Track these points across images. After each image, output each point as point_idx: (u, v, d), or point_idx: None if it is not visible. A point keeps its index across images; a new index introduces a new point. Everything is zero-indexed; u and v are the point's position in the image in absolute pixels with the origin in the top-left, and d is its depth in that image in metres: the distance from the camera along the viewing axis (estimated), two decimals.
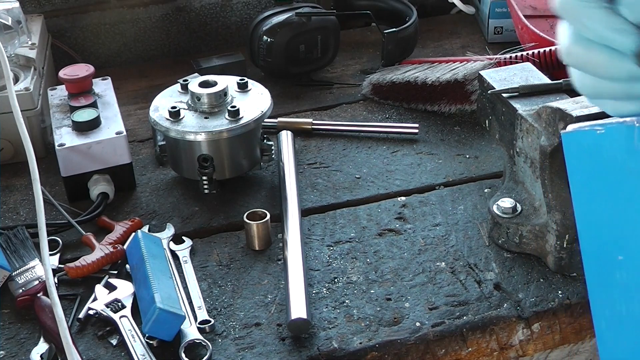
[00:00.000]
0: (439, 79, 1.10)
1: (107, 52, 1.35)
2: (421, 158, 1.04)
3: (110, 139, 0.94)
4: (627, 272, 0.57)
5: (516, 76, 0.90)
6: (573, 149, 0.59)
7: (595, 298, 0.60)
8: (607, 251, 0.58)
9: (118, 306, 0.78)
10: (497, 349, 0.78)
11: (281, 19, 1.19)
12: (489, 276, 0.82)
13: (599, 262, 0.59)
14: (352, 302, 0.80)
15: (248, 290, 0.82)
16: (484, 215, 0.91)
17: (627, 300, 0.58)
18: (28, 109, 1.01)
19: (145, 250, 0.81)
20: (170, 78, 1.15)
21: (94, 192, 0.94)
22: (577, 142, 0.59)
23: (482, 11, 1.37)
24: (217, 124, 0.93)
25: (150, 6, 1.34)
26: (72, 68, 1.03)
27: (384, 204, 0.95)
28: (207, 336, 0.76)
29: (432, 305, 0.79)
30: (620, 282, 0.58)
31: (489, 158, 1.03)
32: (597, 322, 0.60)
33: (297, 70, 1.23)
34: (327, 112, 1.16)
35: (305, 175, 1.01)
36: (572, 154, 0.59)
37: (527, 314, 0.78)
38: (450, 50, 1.33)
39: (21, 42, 1.09)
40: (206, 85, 0.97)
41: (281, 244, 0.88)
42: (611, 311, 0.59)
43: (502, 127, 0.88)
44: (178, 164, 0.98)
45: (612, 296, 0.59)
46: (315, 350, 0.74)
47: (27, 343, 0.76)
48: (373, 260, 0.85)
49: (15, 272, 0.82)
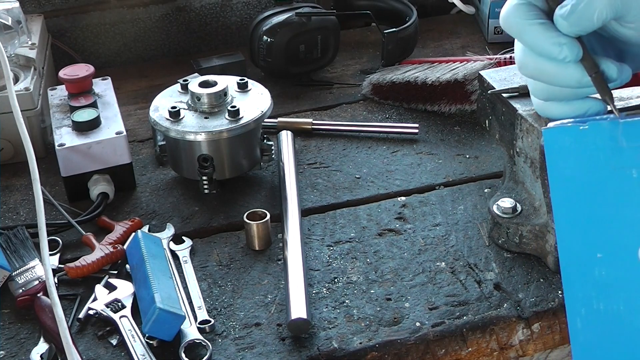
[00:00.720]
0: (439, 79, 1.10)
1: (107, 52, 1.35)
2: (421, 158, 1.04)
3: (110, 139, 0.94)
4: (607, 270, 0.57)
5: (516, 76, 0.90)
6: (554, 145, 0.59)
7: (571, 296, 0.60)
8: (585, 249, 0.58)
9: (118, 306, 0.78)
10: (497, 349, 0.78)
11: (281, 19, 1.19)
12: (489, 276, 0.82)
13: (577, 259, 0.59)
14: (352, 302, 0.80)
15: (248, 290, 0.82)
16: (484, 215, 0.91)
17: (606, 298, 0.58)
18: (28, 109, 1.01)
19: (145, 250, 0.81)
20: (170, 78, 1.15)
21: (94, 192, 0.94)
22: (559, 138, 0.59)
23: (482, 11, 1.37)
24: (217, 124, 0.93)
25: (150, 6, 1.34)
26: (72, 68, 1.03)
27: (384, 204, 0.95)
28: (207, 336, 0.76)
29: (432, 305, 0.79)
30: (598, 280, 0.58)
31: (489, 158, 1.03)
32: (572, 320, 0.60)
33: (297, 70, 1.23)
34: (327, 112, 1.16)
35: (305, 175, 1.01)
36: (553, 150, 0.59)
37: (527, 314, 0.78)
38: (450, 50, 1.33)
39: (21, 42, 1.09)
40: (206, 85, 0.97)
41: (281, 244, 0.88)
42: (587, 309, 0.59)
43: (502, 127, 0.88)
44: (178, 164, 0.98)
45: (589, 294, 0.58)
46: (315, 350, 0.74)
47: (27, 343, 0.76)
48: (373, 260, 0.85)
49: (15, 272, 0.82)
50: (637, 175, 0.54)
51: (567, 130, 0.58)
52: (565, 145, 0.58)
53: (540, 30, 0.60)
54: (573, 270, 0.60)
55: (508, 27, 0.65)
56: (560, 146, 0.59)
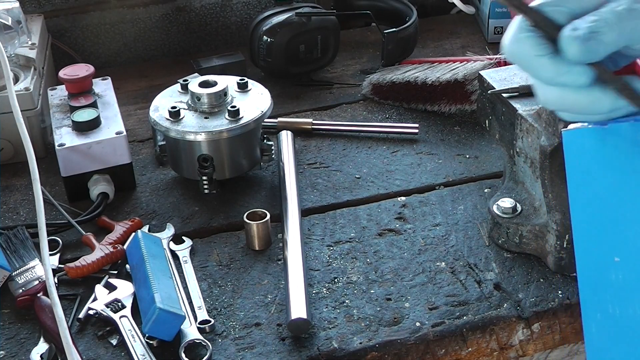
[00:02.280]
0: (439, 79, 1.10)
1: (107, 52, 1.35)
2: (421, 158, 1.04)
3: (110, 139, 0.94)
4: (624, 274, 0.56)
5: (516, 76, 0.90)
6: (574, 147, 0.58)
7: (586, 300, 0.59)
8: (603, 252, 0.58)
9: (118, 306, 0.78)
10: (497, 349, 0.78)
11: (281, 19, 1.19)
12: (489, 276, 0.82)
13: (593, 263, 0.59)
14: (352, 302, 0.80)
15: (248, 290, 0.82)
16: (484, 215, 0.91)
17: (622, 302, 0.57)
18: (28, 109, 1.01)
19: (145, 250, 0.81)
20: (170, 78, 1.15)
21: (94, 192, 0.94)
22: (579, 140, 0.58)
23: (482, 11, 1.37)
24: (217, 124, 0.93)
25: (150, 6, 1.34)
26: (72, 68, 1.03)
27: (384, 204, 0.95)
28: (207, 336, 0.76)
29: (432, 305, 0.79)
30: (615, 284, 0.57)
31: (489, 158, 1.03)
32: (587, 325, 0.59)
33: (297, 70, 1.23)
34: (327, 112, 1.16)
35: (305, 175, 1.01)
36: (572, 152, 0.58)
37: (527, 314, 0.78)
38: (450, 50, 1.33)
39: (21, 42, 1.09)
40: (206, 85, 0.97)
41: (281, 244, 0.88)
42: (603, 314, 0.58)
43: (502, 127, 0.88)
44: (178, 164, 0.98)
45: (605, 298, 0.58)
46: (315, 350, 0.74)
47: (27, 343, 0.76)
48: (373, 260, 0.85)
49: (15, 272, 0.82)
50: None
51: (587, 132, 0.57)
52: (585, 147, 0.57)
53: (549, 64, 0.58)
54: (589, 273, 0.59)
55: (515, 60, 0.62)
56: (580, 148, 0.57)
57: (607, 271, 0.57)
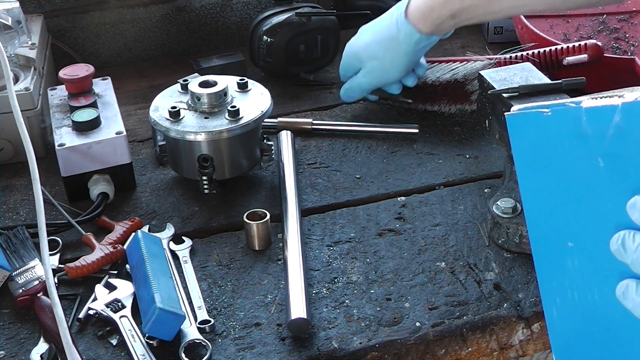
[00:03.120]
0: (439, 79, 1.10)
1: (107, 52, 1.35)
2: (421, 158, 1.04)
3: (110, 139, 0.94)
4: (579, 259, 0.55)
5: (516, 76, 0.90)
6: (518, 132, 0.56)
7: (545, 286, 0.59)
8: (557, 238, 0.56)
9: (118, 306, 0.78)
10: (497, 349, 0.78)
11: (281, 19, 1.19)
12: (489, 276, 0.82)
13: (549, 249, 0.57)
14: (352, 302, 0.80)
15: (248, 290, 0.82)
16: (484, 215, 0.91)
17: (579, 287, 0.56)
18: (28, 109, 1.01)
19: (145, 250, 0.81)
20: (170, 78, 1.15)
21: (94, 192, 0.94)
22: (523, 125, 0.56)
23: None
24: (217, 124, 0.93)
25: (150, 6, 1.34)
26: (72, 68, 1.03)
27: (384, 204, 0.95)
28: (207, 336, 0.76)
29: (432, 305, 0.79)
30: (571, 269, 0.56)
31: (489, 158, 1.03)
32: (548, 310, 0.58)
33: (297, 70, 1.23)
34: (327, 112, 1.16)
35: (305, 175, 1.01)
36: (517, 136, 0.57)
37: (527, 314, 0.78)
38: (450, 50, 1.33)
39: (21, 42, 1.09)
40: (206, 85, 0.97)
41: (281, 244, 0.88)
42: (562, 298, 0.57)
43: (502, 127, 0.88)
44: (178, 164, 0.98)
45: (563, 283, 0.57)
46: (315, 350, 0.74)
47: (27, 343, 0.76)
48: (373, 260, 0.85)
49: (15, 272, 0.82)
50: (604, 163, 0.51)
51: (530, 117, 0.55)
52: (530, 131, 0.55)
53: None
54: (545, 259, 0.58)
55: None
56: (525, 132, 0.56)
57: (563, 257, 0.56)
